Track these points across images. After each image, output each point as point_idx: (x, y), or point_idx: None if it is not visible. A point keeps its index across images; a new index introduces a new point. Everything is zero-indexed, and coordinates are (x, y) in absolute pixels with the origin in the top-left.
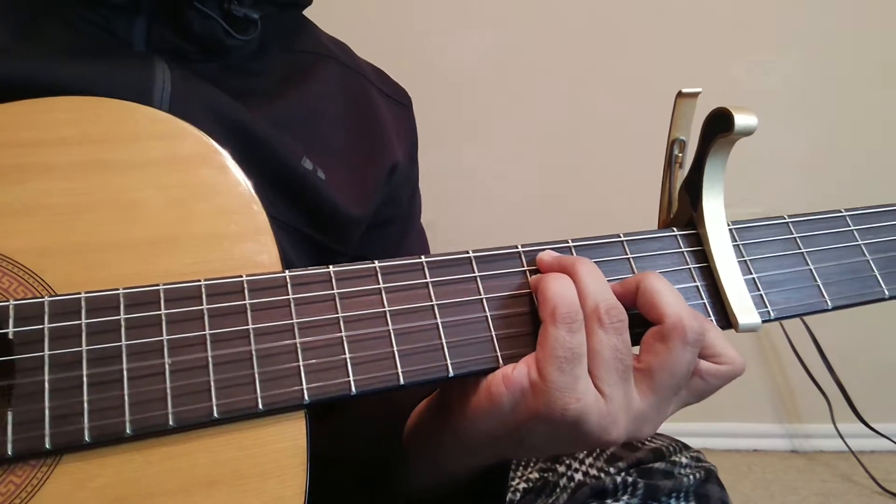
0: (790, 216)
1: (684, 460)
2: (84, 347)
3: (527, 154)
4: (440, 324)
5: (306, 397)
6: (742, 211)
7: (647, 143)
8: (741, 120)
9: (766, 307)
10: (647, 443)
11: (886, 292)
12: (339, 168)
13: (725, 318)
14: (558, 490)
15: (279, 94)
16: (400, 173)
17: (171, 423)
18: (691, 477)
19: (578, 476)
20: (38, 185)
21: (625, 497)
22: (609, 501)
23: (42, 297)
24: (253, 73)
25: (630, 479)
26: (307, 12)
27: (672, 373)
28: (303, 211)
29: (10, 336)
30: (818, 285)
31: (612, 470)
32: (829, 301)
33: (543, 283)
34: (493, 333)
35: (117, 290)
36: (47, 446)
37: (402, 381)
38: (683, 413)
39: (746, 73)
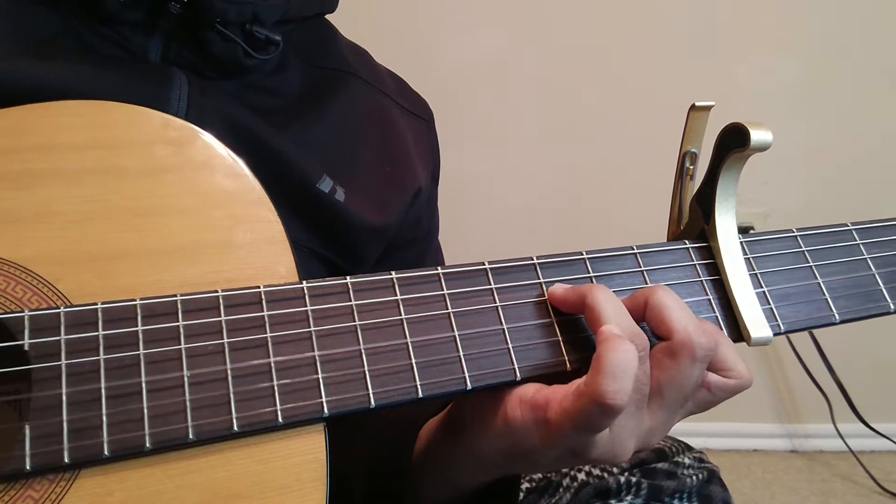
0: (798, 230)
1: (687, 461)
2: (102, 358)
3: (530, 157)
4: (457, 336)
5: (326, 410)
6: (743, 211)
7: (647, 142)
8: (757, 136)
9: (777, 321)
10: None
11: (892, 306)
12: (360, 188)
13: (737, 332)
14: (561, 490)
15: (299, 113)
16: (423, 196)
17: (191, 436)
18: (694, 478)
19: (581, 476)
20: (49, 192)
21: (628, 497)
22: (613, 502)
23: (57, 307)
24: (272, 90)
25: (633, 480)
26: None
27: (680, 388)
28: (317, 231)
29: (26, 348)
30: (826, 299)
31: (615, 470)
32: (836, 315)
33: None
34: (510, 346)
35: (134, 300)
36: (66, 460)
37: (420, 394)
38: None
39: (747, 74)
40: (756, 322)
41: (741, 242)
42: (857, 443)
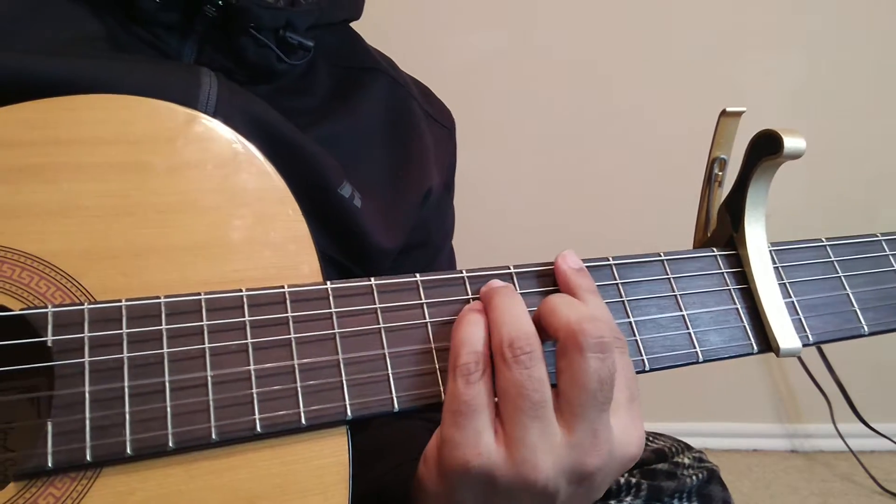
0: (828, 239)
1: (687, 461)
2: (125, 356)
3: (537, 161)
4: None
5: (349, 413)
6: None
7: (648, 142)
8: (790, 143)
9: (806, 332)
10: (649, 443)
11: None
12: (377, 197)
13: (766, 343)
14: None
15: (327, 112)
16: (433, 199)
17: (213, 436)
18: (694, 477)
19: None
20: (72, 186)
21: (628, 498)
22: (612, 502)
23: (81, 302)
24: (301, 91)
25: (633, 480)
26: None
27: (583, 388)
28: (333, 236)
29: (50, 344)
30: (855, 310)
31: None
32: (865, 327)
33: (455, 329)
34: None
35: (158, 298)
36: (88, 459)
37: (443, 398)
38: (683, 413)
39: (747, 74)
40: (785, 332)
41: (770, 251)
42: (857, 443)
